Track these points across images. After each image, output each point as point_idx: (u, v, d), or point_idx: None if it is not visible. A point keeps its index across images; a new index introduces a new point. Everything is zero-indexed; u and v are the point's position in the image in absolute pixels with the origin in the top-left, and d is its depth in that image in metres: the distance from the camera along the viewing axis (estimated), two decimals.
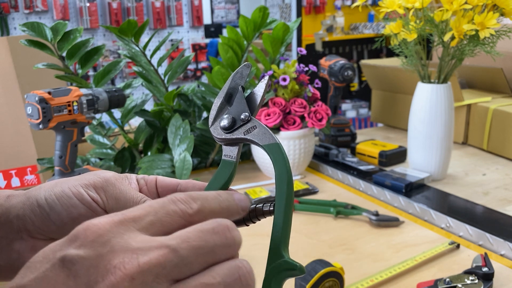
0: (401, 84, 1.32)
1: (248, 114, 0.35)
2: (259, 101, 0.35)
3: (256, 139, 0.34)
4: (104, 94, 0.90)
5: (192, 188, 0.37)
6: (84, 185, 0.32)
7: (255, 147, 1.01)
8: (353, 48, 4.36)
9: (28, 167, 1.30)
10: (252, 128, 0.35)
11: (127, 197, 0.32)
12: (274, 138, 0.34)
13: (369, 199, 0.91)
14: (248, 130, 0.35)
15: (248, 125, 0.35)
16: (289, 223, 0.33)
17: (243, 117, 0.35)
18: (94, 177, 0.33)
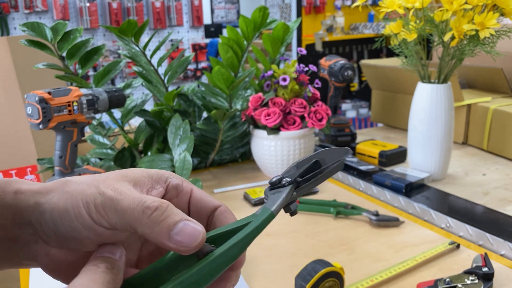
0: (401, 84, 1.32)
1: (289, 180, 0.36)
2: (319, 178, 0.36)
3: (268, 200, 0.35)
4: (104, 94, 0.90)
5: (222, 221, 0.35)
6: (86, 204, 0.30)
7: (254, 146, 1.01)
8: (353, 48, 4.36)
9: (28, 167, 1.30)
10: (278, 192, 0.35)
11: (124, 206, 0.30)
12: (276, 205, 0.34)
13: (369, 199, 0.91)
14: (274, 193, 0.35)
15: (280, 189, 0.36)
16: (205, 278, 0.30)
17: (284, 181, 0.36)
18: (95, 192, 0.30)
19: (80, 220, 0.30)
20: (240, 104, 1.04)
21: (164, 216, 0.29)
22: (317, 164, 0.37)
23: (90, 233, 0.30)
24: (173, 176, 0.36)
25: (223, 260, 0.31)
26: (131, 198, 0.30)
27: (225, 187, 0.98)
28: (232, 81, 0.97)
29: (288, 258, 0.70)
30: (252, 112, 0.98)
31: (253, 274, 0.66)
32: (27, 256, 0.32)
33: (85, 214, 0.30)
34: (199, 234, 0.29)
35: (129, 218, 0.29)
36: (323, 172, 0.37)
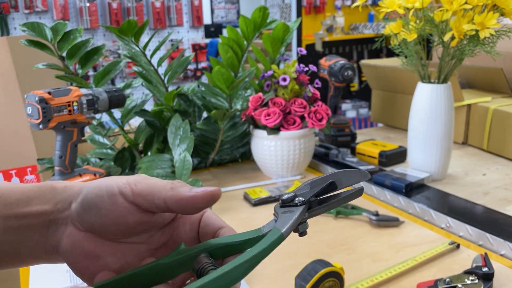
0: (401, 84, 1.32)
1: (302, 200, 0.34)
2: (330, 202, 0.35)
3: (279, 220, 0.33)
4: (104, 94, 0.90)
5: None
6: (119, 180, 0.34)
7: (254, 146, 1.01)
8: (353, 48, 4.36)
9: (28, 167, 1.30)
10: (289, 212, 0.34)
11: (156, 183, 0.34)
12: (286, 227, 0.32)
13: (369, 199, 0.91)
14: (285, 211, 0.34)
15: (292, 208, 0.34)
16: None
17: (296, 201, 0.34)
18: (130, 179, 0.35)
19: (108, 189, 0.34)
20: (240, 104, 1.04)
21: (186, 185, 0.34)
22: (333, 186, 0.35)
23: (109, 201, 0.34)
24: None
25: (226, 281, 0.29)
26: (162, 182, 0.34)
27: (225, 187, 0.98)
28: (232, 81, 0.97)
29: (288, 258, 0.70)
30: (252, 112, 0.98)
31: (253, 274, 0.66)
32: (53, 243, 0.35)
33: (114, 184, 0.34)
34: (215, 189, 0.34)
35: (157, 188, 0.33)
36: (339, 196, 0.35)
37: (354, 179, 0.35)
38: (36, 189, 0.35)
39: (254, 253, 0.30)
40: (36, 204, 0.35)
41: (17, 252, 0.35)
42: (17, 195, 0.35)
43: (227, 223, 0.38)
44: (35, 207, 0.35)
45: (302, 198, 0.34)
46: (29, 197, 0.35)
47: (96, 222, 0.34)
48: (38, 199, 0.35)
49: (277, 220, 0.33)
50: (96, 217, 0.34)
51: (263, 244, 0.31)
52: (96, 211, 0.34)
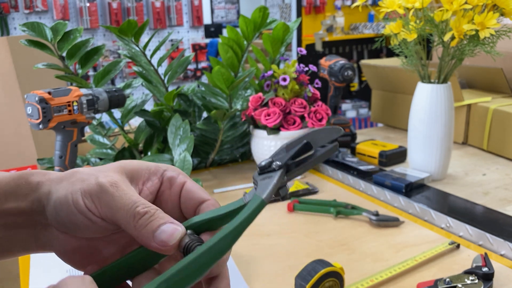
0: (401, 84, 1.32)
1: (279, 164, 0.34)
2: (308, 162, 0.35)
3: (258, 187, 0.33)
4: (104, 94, 0.90)
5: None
6: (83, 192, 0.32)
7: (254, 146, 1.01)
8: (353, 48, 4.36)
9: (28, 167, 1.29)
10: (268, 177, 0.34)
11: (118, 205, 0.32)
12: (266, 193, 0.32)
13: (369, 199, 0.91)
14: (264, 178, 0.34)
15: (270, 174, 0.34)
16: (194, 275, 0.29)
17: (274, 165, 0.34)
18: (94, 183, 0.33)
19: (77, 207, 0.32)
20: (240, 104, 1.04)
21: (150, 220, 0.31)
22: (308, 146, 0.35)
23: (84, 218, 0.32)
24: (170, 168, 0.37)
25: (213, 254, 0.29)
26: (126, 199, 0.32)
27: (225, 187, 0.98)
28: (232, 81, 0.97)
29: (288, 258, 0.70)
30: (252, 112, 0.98)
31: (253, 274, 0.66)
32: (43, 240, 0.35)
33: (80, 201, 0.32)
34: (176, 231, 0.31)
35: (120, 217, 0.32)
36: (315, 155, 0.35)
37: (327, 136, 0.36)
38: (13, 182, 0.34)
39: (237, 223, 0.31)
40: (13, 200, 0.34)
41: (8, 247, 0.35)
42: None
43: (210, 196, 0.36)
44: (12, 203, 0.34)
45: (279, 163, 0.34)
46: (6, 192, 0.34)
47: (77, 232, 0.33)
48: (14, 195, 0.34)
49: (257, 187, 0.34)
50: (72, 227, 0.33)
51: (245, 213, 0.31)
52: (72, 225, 0.33)
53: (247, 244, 0.75)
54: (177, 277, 0.28)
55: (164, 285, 0.28)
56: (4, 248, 0.35)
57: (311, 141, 0.35)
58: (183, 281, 0.28)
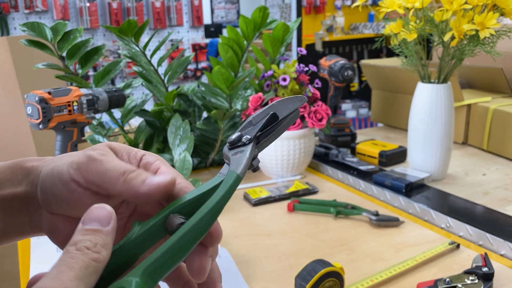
0: (401, 84, 1.32)
1: (248, 138, 0.35)
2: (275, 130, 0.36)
3: (231, 162, 0.34)
4: (104, 94, 0.90)
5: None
6: (69, 164, 0.33)
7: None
8: (353, 48, 4.36)
9: None
10: (240, 152, 0.35)
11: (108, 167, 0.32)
12: (240, 168, 0.33)
13: (369, 199, 0.91)
14: (236, 153, 0.35)
15: (241, 148, 0.35)
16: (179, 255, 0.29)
17: (244, 139, 0.35)
18: (81, 155, 0.33)
19: (59, 177, 0.33)
20: (240, 104, 1.04)
21: (139, 174, 0.32)
22: (275, 117, 0.36)
23: (64, 190, 0.33)
24: (149, 154, 0.37)
25: (195, 232, 0.30)
26: (116, 163, 0.33)
27: None
28: (232, 81, 0.97)
29: (288, 258, 0.70)
30: (252, 112, 0.98)
31: (253, 274, 0.66)
32: (35, 222, 0.35)
33: (65, 172, 0.33)
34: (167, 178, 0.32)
35: (110, 178, 0.32)
36: (280, 124, 0.36)
37: (292, 105, 0.37)
38: (8, 170, 0.35)
39: (216, 200, 0.31)
40: (9, 186, 0.35)
41: (5, 231, 0.35)
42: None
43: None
44: (8, 189, 0.34)
45: (248, 136, 0.35)
46: (1, 180, 0.35)
47: (58, 208, 0.34)
48: (10, 181, 0.35)
49: (230, 163, 0.34)
50: (56, 204, 0.33)
51: (222, 190, 0.32)
52: (54, 199, 0.33)
53: (247, 244, 0.75)
54: (164, 258, 0.28)
55: (152, 267, 0.28)
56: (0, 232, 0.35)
57: (276, 112, 0.36)
58: (169, 261, 0.29)
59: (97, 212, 0.28)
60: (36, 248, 0.75)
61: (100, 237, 0.27)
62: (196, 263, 0.32)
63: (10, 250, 1.21)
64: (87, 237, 0.27)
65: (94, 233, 0.27)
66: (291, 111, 0.37)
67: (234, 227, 0.81)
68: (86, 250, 0.26)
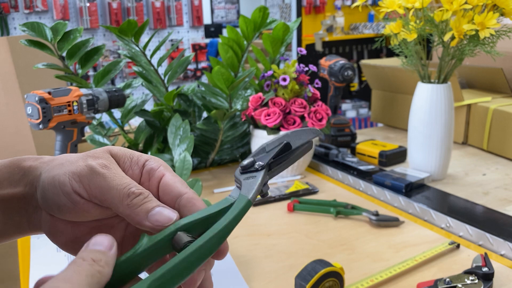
0: (401, 84, 1.32)
1: (262, 164, 0.36)
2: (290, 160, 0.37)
3: (243, 187, 0.35)
4: (104, 94, 0.90)
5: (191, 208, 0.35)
6: (71, 174, 0.33)
7: (254, 146, 1.01)
8: (353, 48, 4.36)
9: None
10: (252, 177, 0.35)
11: (111, 185, 0.32)
12: (252, 193, 0.34)
13: (369, 199, 0.91)
14: (248, 177, 0.35)
15: (253, 173, 0.35)
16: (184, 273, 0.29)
17: (257, 165, 0.36)
18: (82, 165, 0.33)
19: (62, 188, 0.33)
20: (240, 104, 1.04)
21: (145, 201, 0.32)
22: (288, 146, 0.37)
23: (67, 201, 0.33)
24: (152, 159, 0.37)
25: (202, 252, 0.30)
26: (119, 179, 0.33)
27: (225, 187, 0.98)
28: (232, 81, 0.97)
29: (288, 258, 0.70)
30: (252, 112, 0.98)
31: (253, 274, 0.66)
32: (34, 222, 0.35)
33: (67, 183, 0.33)
34: (173, 216, 0.32)
35: (112, 197, 0.32)
36: (293, 154, 0.37)
37: (305, 137, 0.37)
38: (5, 169, 0.35)
39: (225, 223, 0.32)
40: (6, 186, 0.35)
41: (4, 230, 0.35)
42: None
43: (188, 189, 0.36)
44: (6, 189, 0.35)
45: (261, 163, 0.36)
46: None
47: (61, 215, 0.34)
48: (7, 181, 0.35)
49: (241, 187, 0.35)
50: (58, 211, 0.34)
51: (232, 213, 0.32)
52: (56, 207, 0.33)
53: (247, 244, 0.75)
54: (169, 275, 0.29)
55: (157, 283, 0.28)
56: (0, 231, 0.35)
57: (290, 141, 0.37)
58: (174, 279, 0.29)
59: (101, 239, 0.29)
60: (36, 248, 0.75)
61: (104, 256, 0.28)
62: None
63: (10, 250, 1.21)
64: (92, 254, 0.28)
65: (98, 252, 0.28)
66: (305, 142, 0.37)
67: None
68: (92, 261, 0.27)
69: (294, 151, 0.37)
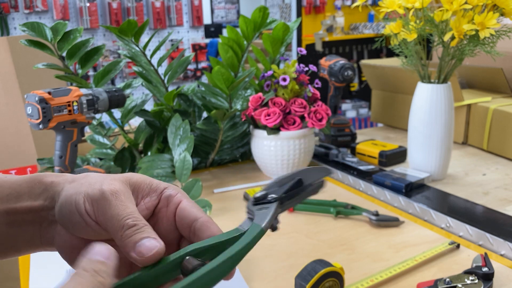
0: (401, 84, 1.32)
1: (274, 197, 0.37)
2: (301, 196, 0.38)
3: (255, 216, 0.36)
4: (104, 94, 0.90)
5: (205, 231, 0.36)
6: (86, 195, 0.34)
7: (254, 146, 1.01)
8: (353, 48, 4.36)
9: (28, 167, 1.30)
10: (264, 208, 0.36)
11: (112, 214, 0.33)
12: (265, 224, 0.35)
13: (369, 199, 0.91)
14: (261, 208, 0.37)
15: (266, 205, 0.37)
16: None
17: (269, 198, 0.37)
18: (97, 189, 0.34)
19: (77, 207, 0.34)
20: (240, 104, 1.04)
21: (135, 233, 0.33)
22: (300, 183, 0.38)
23: (81, 220, 0.34)
24: (171, 187, 0.38)
25: (213, 276, 0.30)
26: (121, 209, 0.33)
27: (225, 187, 0.98)
28: (232, 81, 0.97)
29: (288, 258, 0.70)
30: (252, 112, 0.98)
31: (253, 274, 0.66)
32: (47, 237, 0.36)
33: (81, 203, 0.34)
34: (156, 247, 0.32)
35: (110, 226, 0.33)
36: (305, 190, 0.38)
37: (318, 175, 0.39)
38: (25, 184, 0.36)
39: (238, 249, 0.32)
40: (26, 199, 0.35)
41: (14, 244, 0.36)
42: (6, 190, 0.35)
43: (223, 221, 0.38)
44: (25, 203, 0.35)
45: (274, 195, 0.37)
46: (19, 193, 0.35)
47: (76, 232, 0.35)
48: (27, 195, 0.35)
49: (254, 217, 0.36)
50: (73, 229, 0.35)
51: (245, 240, 0.33)
52: (71, 224, 0.34)
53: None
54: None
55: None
56: (10, 244, 0.36)
57: (302, 178, 0.39)
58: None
59: (100, 248, 0.29)
60: None
61: (104, 266, 0.28)
62: None
63: None
64: (93, 265, 0.28)
65: (99, 262, 0.29)
66: (317, 180, 0.39)
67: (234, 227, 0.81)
68: (94, 272, 0.28)
69: (306, 187, 0.38)
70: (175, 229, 0.38)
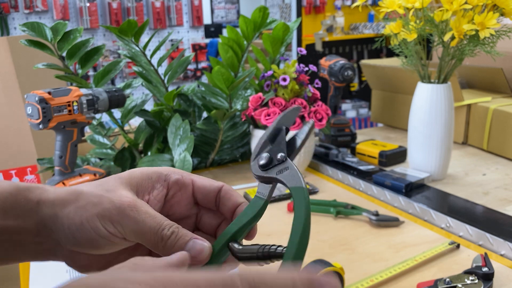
0: (401, 84, 1.32)
1: (284, 155, 0.37)
2: (299, 144, 0.38)
3: (285, 180, 0.36)
4: (104, 94, 0.90)
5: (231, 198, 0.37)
6: (100, 218, 0.32)
7: (254, 143, 1.01)
8: (353, 48, 4.36)
9: (28, 167, 1.30)
10: (284, 169, 0.36)
11: (144, 229, 0.33)
12: (301, 181, 0.35)
13: (369, 199, 0.91)
14: (280, 171, 0.36)
15: (281, 166, 0.37)
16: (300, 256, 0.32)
17: (279, 157, 0.37)
18: (109, 207, 0.33)
19: (98, 232, 0.32)
20: (240, 104, 1.04)
21: (177, 239, 0.33)
22: (287, 131, 0.38)
23: (107, 242, 0.33)
24: (171, 171, 0.37)
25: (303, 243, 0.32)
26: (151, 222, 0.33)
27: None
28: (232, 81, 0.97)
29: None
30: (252, 112, 0.98)
31: None
32: (51, 254, 0.35)
33: (101, 227, 0.32)
34: (207, 249, 0.33)
35: (146, 240, 0.33)
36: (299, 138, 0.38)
37: (292, 117, 0.39)
38: (10, 197, 0.33)
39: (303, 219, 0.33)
40: (12, 217, 0.33)
41: (13, 255, 0.35)
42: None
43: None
44: (13, 221, 0.33)
45: (283, 154, 0.37)
46: (4, 209, 0.33)
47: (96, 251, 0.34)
48: (14, 212, 0.33)
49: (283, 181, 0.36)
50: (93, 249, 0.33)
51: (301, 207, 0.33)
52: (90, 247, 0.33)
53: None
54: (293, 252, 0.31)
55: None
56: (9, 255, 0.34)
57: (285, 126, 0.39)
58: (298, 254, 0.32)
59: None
60: None
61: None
62: None
63: None
64: None
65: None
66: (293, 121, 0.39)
67: None
68: None
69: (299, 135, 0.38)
70: (191, 208, 0.38)
